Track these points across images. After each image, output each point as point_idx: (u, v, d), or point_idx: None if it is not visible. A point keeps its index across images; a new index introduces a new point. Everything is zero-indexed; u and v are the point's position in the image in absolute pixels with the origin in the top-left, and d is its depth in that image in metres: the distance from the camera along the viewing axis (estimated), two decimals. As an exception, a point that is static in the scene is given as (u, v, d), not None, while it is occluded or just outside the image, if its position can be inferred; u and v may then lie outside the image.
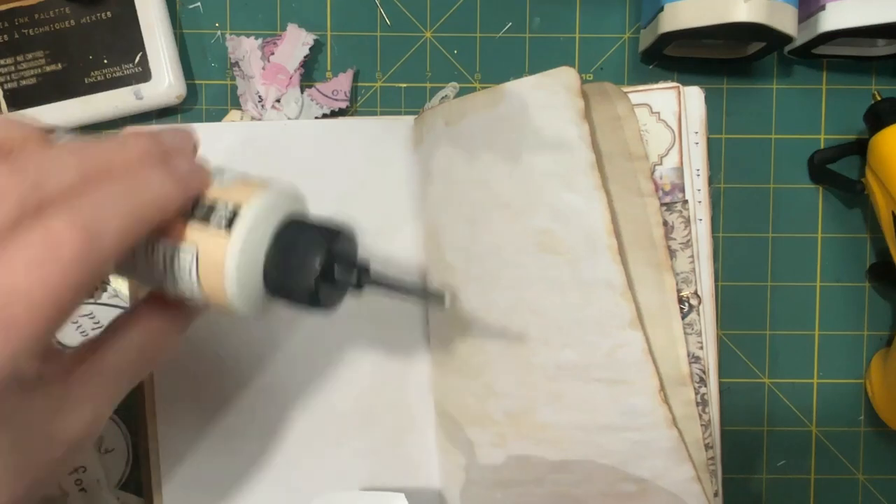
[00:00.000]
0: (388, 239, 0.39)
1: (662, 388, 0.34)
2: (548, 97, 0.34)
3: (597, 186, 0.34)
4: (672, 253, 0.38)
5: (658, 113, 0.38)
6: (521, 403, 0.36)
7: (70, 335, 0.41)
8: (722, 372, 0.40)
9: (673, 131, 0.38)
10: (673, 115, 0.38)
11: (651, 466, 0.34)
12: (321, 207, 0.39)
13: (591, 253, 0.34)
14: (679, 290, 0.37)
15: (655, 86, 0.38)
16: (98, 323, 0.41)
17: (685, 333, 0.37)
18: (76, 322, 0.41)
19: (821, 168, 0.40)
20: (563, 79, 0.34)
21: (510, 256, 0.35)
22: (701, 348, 0.37)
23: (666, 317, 0.36)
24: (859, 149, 0.39)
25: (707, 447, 0.37)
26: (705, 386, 0.36)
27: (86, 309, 0.41)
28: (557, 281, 0.34)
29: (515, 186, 0.35)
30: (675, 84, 0.37)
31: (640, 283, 0.35)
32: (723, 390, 0.39)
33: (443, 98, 0.40)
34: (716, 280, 0.39)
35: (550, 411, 0.35)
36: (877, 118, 0.37)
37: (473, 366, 0.37)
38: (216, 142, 0.39)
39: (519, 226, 0.35)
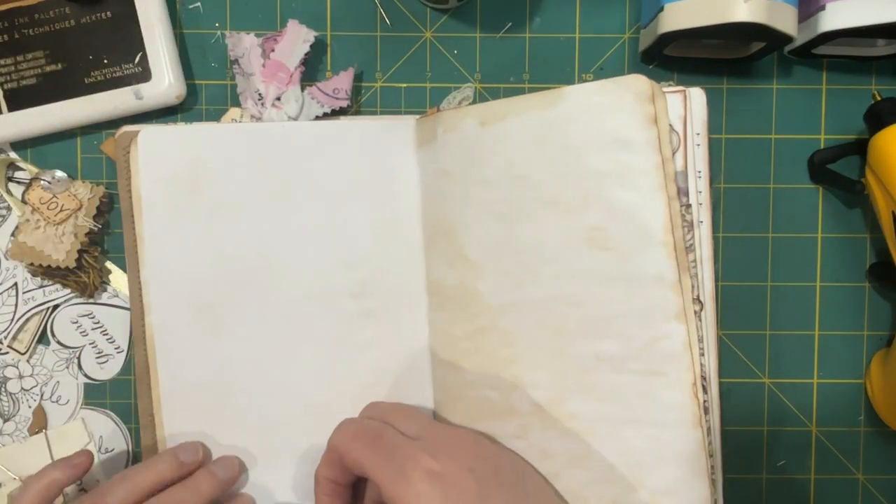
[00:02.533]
0: (386, 237, 0.39)
1: (696, 381, 0.34)
2: (615, 102, 0.35)
3: (659, 186, 0.34)
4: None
5: None
6: (551, 394, 0.36)
7: (70, 335, 0.41)
8: (722, 372, 0.40)
9: (678, 135, 0.38)
10: (679, 118, 0.37)
11: (667, 476, 0.34)
12: (320, 207, 0.39)
13: (643, 248, 0.34)
14: None
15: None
16: (98, 322, 0.41)
17: None
18: (76, 322, 0.41)
19: (821, 168, 0.40)
20: (633, 85, 0.35)
21: (554, 252, 0.36)
22: (702, 354, 0.37)
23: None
24: (859, 149, 0.39)
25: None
26: (705, 392, 0.36)
27: (86, 309, 0.41)
28: (603, 275, 0.35)
29: (567, 184, 0.35)
30: (680, 87, 0.37)
31: None
32: (723, 391, 0.39)
33: (462, 100, 0.40)
34: (716, 280, 0.39)
35: (581, 402, 0.35)
36: (877, 118, 0.37)
37: (501, 358, 0.37)
38: (217, 143, 0.39)
39: (568, 222, 0.35)
